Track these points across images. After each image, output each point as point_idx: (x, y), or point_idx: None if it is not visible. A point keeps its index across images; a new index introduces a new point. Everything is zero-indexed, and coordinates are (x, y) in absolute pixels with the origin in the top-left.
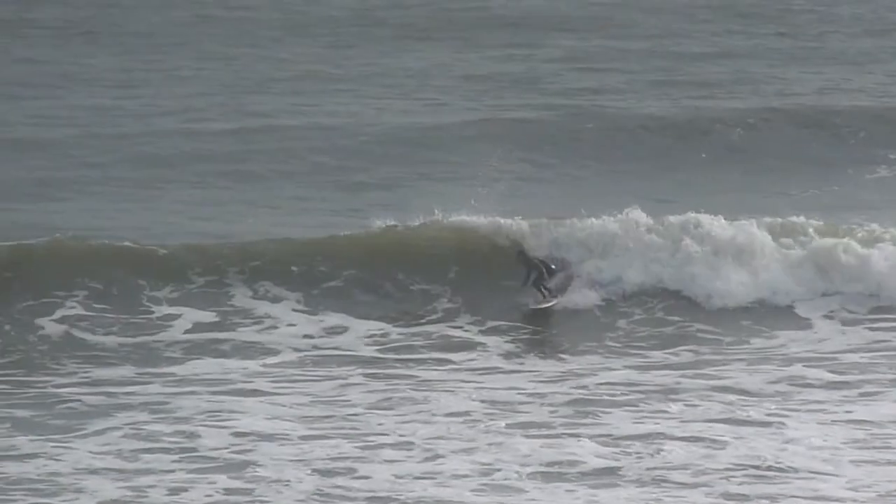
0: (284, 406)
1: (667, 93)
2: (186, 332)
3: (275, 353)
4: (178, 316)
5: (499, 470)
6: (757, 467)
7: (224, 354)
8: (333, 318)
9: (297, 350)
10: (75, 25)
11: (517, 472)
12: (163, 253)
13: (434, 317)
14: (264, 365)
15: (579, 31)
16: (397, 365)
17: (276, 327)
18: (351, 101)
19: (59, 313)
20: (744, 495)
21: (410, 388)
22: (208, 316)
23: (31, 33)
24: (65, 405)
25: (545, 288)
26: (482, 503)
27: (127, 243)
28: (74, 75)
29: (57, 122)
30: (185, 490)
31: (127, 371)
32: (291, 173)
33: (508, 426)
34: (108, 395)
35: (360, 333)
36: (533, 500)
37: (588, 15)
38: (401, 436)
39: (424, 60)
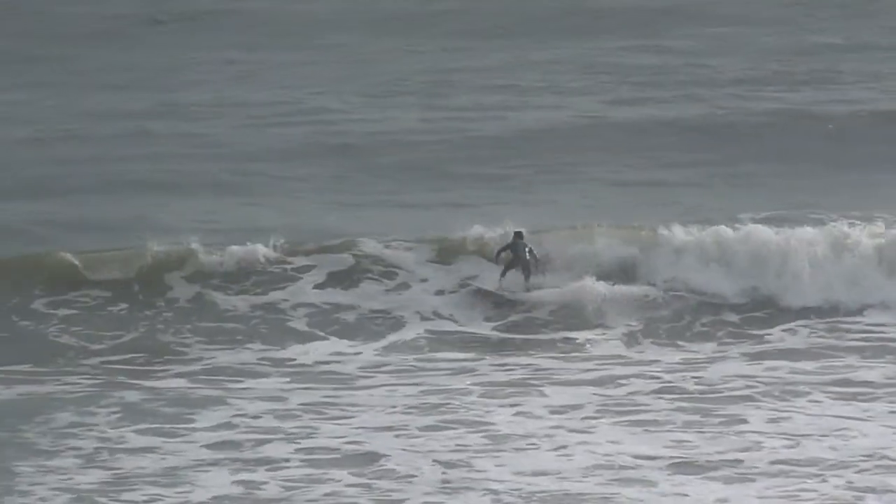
0: (403, 396)
1: (787, 84)
2: (316, 286)
3: (399, 326)
4: (311, 267)
5: (624, 463)
6: (884, 459)
7: (346, 332)
8: (465, 268)
9: (423, 318)
10: (201, 17)
11: (644, 466)
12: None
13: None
14: (385, 348)
15: (696, 20)
16: (518, 350)
17: (408, 284)
18: (481, 97)
19: (190, 266)
20: (871, 487)
21: (530, 378)
22: (342, 261)
23: (160, 19)
24: (181, 395)
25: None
26: (610, 495)
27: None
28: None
29: (186, 114)
30: (306, 483)
31: (247, 356)
32: (419, 168)
33: (631, 420)
34: (226, 388)
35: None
36: (663, 493)
37: (706, 3)
38: (521, 427)
39: (550, 52)
